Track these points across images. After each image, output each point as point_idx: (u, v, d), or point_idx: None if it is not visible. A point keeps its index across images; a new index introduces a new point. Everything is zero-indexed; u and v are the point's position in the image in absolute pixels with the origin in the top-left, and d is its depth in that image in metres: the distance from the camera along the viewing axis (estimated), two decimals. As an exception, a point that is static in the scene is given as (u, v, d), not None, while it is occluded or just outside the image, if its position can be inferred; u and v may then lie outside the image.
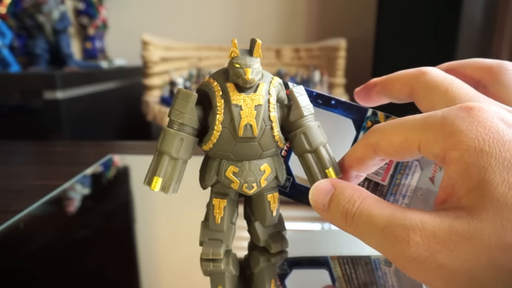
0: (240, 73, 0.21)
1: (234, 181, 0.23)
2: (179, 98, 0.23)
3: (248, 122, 0.22)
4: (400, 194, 0.27)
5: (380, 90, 0.26)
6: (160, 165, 0.22)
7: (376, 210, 0.17)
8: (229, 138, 0.22)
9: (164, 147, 0.22)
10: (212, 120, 0.22)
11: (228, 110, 0.22)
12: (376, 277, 0.25)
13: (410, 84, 0.24)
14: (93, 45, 1.66)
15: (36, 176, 0.48)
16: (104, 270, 0.26)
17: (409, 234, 0.16)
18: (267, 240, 0.26)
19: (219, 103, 0.22)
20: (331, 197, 0.20)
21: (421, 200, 0.26)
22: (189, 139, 0.23)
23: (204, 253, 0.25)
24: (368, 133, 0.21)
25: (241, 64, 0.21)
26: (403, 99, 0.25)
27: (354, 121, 0.28)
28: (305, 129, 0.23)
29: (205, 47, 1.71)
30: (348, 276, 0.25)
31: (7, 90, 1.14)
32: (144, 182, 0.23)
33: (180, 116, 0.22)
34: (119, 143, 0.66)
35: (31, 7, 1.25)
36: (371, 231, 0.17)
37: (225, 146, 0.23)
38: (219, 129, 0.22)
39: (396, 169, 0.26)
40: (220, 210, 0.25)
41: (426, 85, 0.22)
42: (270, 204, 0.26)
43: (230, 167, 0.23)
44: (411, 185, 0.27)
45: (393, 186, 0.27)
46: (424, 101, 0.22)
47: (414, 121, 0.18)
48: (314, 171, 0.23)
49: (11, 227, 0.31)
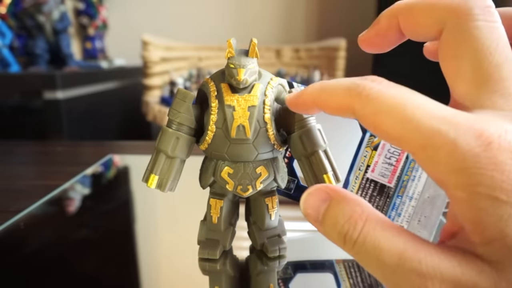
0: (233, 73, 0.21)
1: (229, 182, 0.23)
2: (177, 98, 0.23)
3: (241, 123, 0.21)
4: (407, 196, 0.26)
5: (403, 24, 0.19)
6: (157, 163, 0.23)
7: (383, 241, 0.15)
8: (222, 139, 0.22)
9: (161, 145, 0.23)
10: (207, 120, 0.22)
11: (222, 111, 0.22)
12: None
13: (443, 20, 0.17)
14: (93, 45, 1.66)
15: (36, 176, 0.48)
16: (104, 270, 0.26)
17: (426, 284, 0.14)
18: (265, 244, 0.26)
19: (214, 103, 0.22)
20: (326, 209, 0.16)
21: (428, 203, 0.26)
22: (185, 139, 0.23)
23: (200, 252, 0.25)
24: None
25: (235, 65, 0.21)
26: (430, 38, 0.18)
27: None
28: (304, 131, 0.22)
29: (205, 47, 1.71)
30: (354, 280, 0.24)
31: (7, 90, 1.13)
32: (142, 179, 0.23)
33: (177, 115, 0.23)
34: (119, 143, 0.66)
35: (31, 7, 1.25)
36: (377, 265, 0.15)
37: (219, 147, 0.22)
38: (213, 130, 0.22)
39: (403, 171, 0.26)
40: (216, 210, 0.25)
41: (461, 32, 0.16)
42: (268, 208, 0.25)
43: (226, 168, 0.23)
44: (418, 187, 0.26)
45: (399, 188, 0.27)
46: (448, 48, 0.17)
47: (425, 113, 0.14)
48: (308, 176, 0.23)
49: (11, 227, 0.31)
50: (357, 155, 0.27)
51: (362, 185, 0.27)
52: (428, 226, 0.26)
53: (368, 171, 0.27)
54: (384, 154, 0.27)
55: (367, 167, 0.27)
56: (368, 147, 0.27)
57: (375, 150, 0.27)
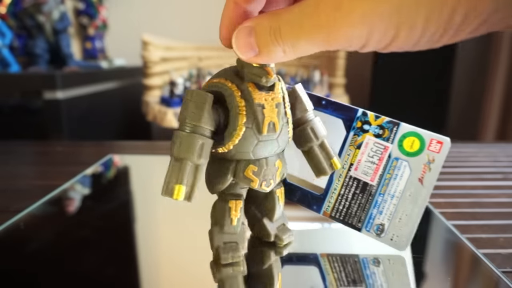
0: (262, 73, 0.21)
1: (253, 180, 0.23)
2: (193, 100, 0.21)
3: (271, 121, 0.22)
4: (389, 194, 0.27)
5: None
6: (182, 172, 0.21)
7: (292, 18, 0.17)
8: (250, 138, 0.22)
9: (185, 153, 0.21)
10: (234, 120, 0.22)
11: (251, 110, 0.22)
12: (364, 275, 0.25)
13: None
14: (93, 45, 1.66)
15: (36, 176, 0.48)
16: (104, 270, 0.26)
17: None
18: (277, 234, 0.27)
19: (241, 103, 0.22)
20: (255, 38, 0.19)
21: (409, 201, 0.27)
22: (209, 143, 0.22)
23: (224, 257, 0.24)
24: None
25: (262, 64, 0.21)
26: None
27: (344, 121, 0.28)
28: (312, 123, 0.25)
29: (205, 47, 1.71)
30: (338, 274, 0.25)
31: (7, 90, 1.13)
32: (162, 192, 0.21)
33: (199, 119, 0.21)
34: (119, 143, 0.66)
35: (31, 7, 1.25)
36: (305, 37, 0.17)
37: (246, 146, 0.22)
38: (242, 129, 0.22)
39: (385, 169, 0.27)
40: (236, 212, 0.25)
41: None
42: (279, 199, 0.26)
43: (250, 166, 0.23)
44: (399, 185, 0.27)
45: (381, 186, 0.27)
46: None
47: None
48: (321, 161, 0.25)
49: (11, 227, 0.31)
50: (341, 153, 0.28)
51: (345, 183, 0.28)
52: (410, 224, 0.27)
53: (351, 169, 0.28)
54: (367, 152, 0.28)
55: (350, 165, 0.28)
56: (351, 146, 0.28)
57: (358, 149, 0.28)
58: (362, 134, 0.28)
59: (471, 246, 0.29)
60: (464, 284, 0.26)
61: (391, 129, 0.27)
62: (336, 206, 0.28)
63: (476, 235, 0.32)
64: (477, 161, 0.55)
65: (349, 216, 0.28)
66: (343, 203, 0.28)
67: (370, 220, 0.27)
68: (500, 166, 0.52)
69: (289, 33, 0.18)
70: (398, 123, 0.27)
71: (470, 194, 0.42)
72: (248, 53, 0.19)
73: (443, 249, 0.30)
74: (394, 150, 0.27)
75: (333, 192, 0.28)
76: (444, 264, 0.28)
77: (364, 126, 0.28)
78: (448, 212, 0.37)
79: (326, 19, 0.16)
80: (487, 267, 0.26)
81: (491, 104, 1.62)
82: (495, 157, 0.57)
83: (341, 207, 0.28)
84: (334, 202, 0.28)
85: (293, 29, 0.17)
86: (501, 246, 0.30)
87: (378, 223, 0.27)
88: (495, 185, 0.45)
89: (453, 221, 0.34)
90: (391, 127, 0.27)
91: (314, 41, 0.17)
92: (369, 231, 0.27)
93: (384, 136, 0.27)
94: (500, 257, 0.28)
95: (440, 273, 0.26)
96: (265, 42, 0.19)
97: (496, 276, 0.25)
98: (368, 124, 0.28)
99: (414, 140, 0.27)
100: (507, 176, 0.48)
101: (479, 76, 1.72)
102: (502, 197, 0.41)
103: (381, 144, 0.27)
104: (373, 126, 0.27)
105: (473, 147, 0.63)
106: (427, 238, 0.31)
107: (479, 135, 1.69)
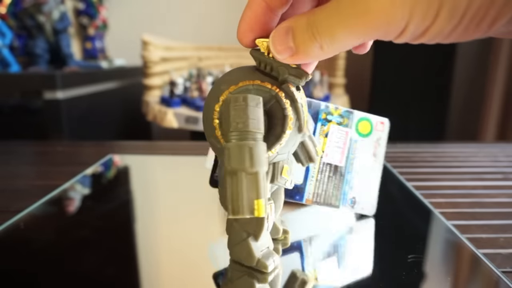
0: (302, 73, 0.21)
1: (288, 179, 0.23)
2: (251, 105, 0.20)
3: (307, 118, 0.23)
4: (355, 171, 0.33)
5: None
6: (260, 186, 0.19)
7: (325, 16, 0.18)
8: (293, 137, 0.22)
9: (258, 165, 0.19)
10: (280, 122, 0.21)
11: (295, 110, 0.22)
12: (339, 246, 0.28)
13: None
14: (93, 45, 1.66)
15: (36, 176, 0.48)
16: (104, 270, 0.26)
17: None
18: (284, 229, 0.27)
19: (287, 104, 0.21)
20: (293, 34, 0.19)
21: (369, 172, 0.33)
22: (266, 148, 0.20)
23: (269, 265, 0.23)
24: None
25: (297, 64, 0.21)
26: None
27: (312, 114, 0.32)
28: None
29: (205, 47, 1.71)
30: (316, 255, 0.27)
31: (7, 90, 1.13)
32: (239, 213, 0.19)
33: (257, 124, 0.20)
34: (119, 143, 0.66)
35: (31, 7, 1.25)
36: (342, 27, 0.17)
37: (288, 146, 0.22)
38: (290, 130, 0.22)
39: (349, 151, 0.33)
40: (271, 215, 0.24)
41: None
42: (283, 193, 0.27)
43: (285, 166, 0.23)
44: (360, 161, 0.33)
45: (349, 165, 0.33)
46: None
47: None
48: (311, 150, 0.24)
49: (11, 227, 0.31)
50: None
51: (320, 169, 0.32)
52: (372, 190, 0.33)
53: (323, 156, 0.32)
54: (334, 140, 0.32)
55: (322, 153, 0.32)
56: (321, 135, 0.32)
57: (326, 137, 0.32)
58: (327, 124, 0.32)
59: (471, 246, 0.29)
60: (464, 284, 0.26)
61: (348, 116, 0.33)
62: (316, 191, 0.32)
63: (476, 235, 0.32)
64: (477, 161, 0.55)
65: (328, 197, 0.32)
66: (321, 187, 0.32)
67: (344, 196, 0.32)
68: (500, 166, 0.53)
69: (326, 26, 0.18)
70: (352, 111, 0.32)
71: (470, 194, 0.42)
72: (285, 53, 0.19)
73: (443, 249, 0.30)
74: (353, 134, 0.33)
75: (311, 179, 0.32)
76: (444, 264, 0.28)
77: (328, 117, 0.32)
78: (448, 212, 0.37)
79: (364, 5, 0.16)
80: (487, 267, 0.26)
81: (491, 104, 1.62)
82: (495, 157, 0.57)
83: (320, 191, 0.32)
84: (313, 188, 0.32)
85: (330, 21, 0.17)
86: (501, 246, 0.30)
87: (350, 197, 0.33)
88: (495, 185, 0.45)
89: (453, 221, 0.34)
90: (348, 115, 0.33)
91: (352, 31, 0.17)
92: (346, 205, 0.32)
93: (344, 123, 0.32)
94: (500, 257, 0.29)
95: (440, 273, 0.26)
96: (302, 39, 0.19)
97: (496, 276, 0.25)
98: (330, 115, 0.32)
99: (365, 123, 0.33)
100: (507, 176, 0.48)
101: (479, 76, 1.72)
102: (502, 197, 0.41)
103: (342, 131, 0.32)
104: (335, 115, 0.32)
105: (473, 147, 0.64)
106: (427, 238, 0.31)
107: (479, 135, 1.69)
